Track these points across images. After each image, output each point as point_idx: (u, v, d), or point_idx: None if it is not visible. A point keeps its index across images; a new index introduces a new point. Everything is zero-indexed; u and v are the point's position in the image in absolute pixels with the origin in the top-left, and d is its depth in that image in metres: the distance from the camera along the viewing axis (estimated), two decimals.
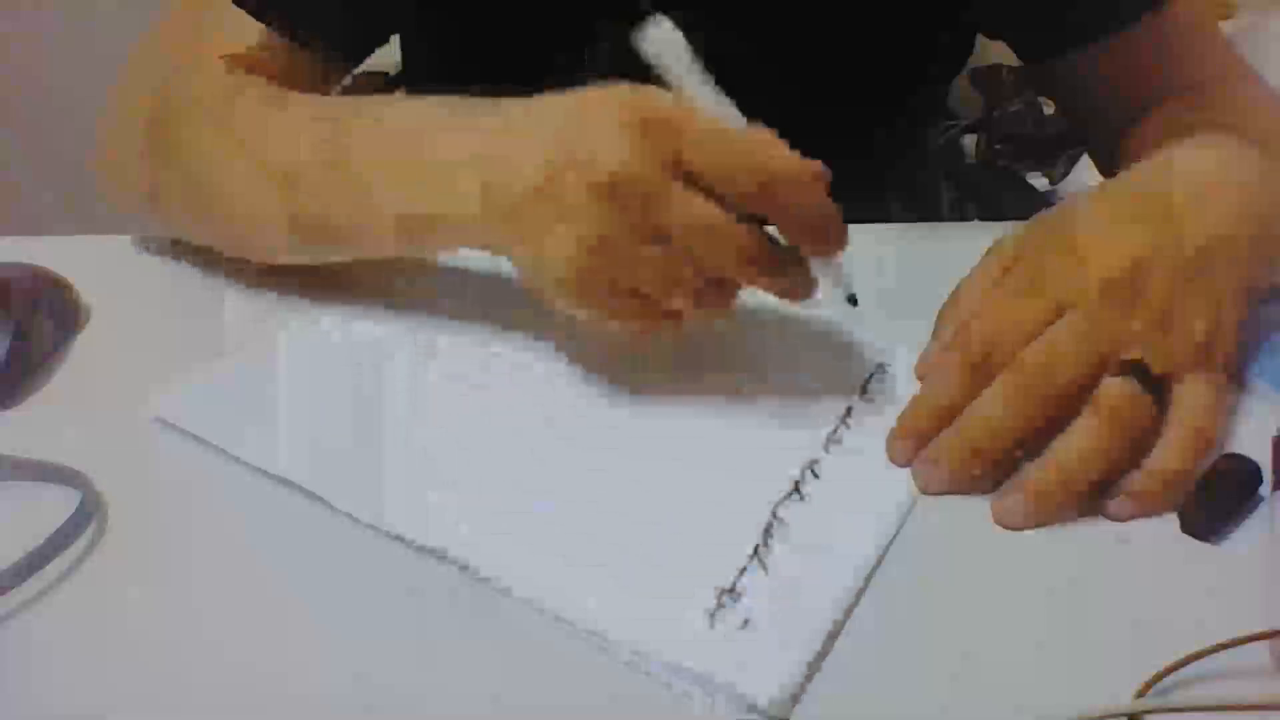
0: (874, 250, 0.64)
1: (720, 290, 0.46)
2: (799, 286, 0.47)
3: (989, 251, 0.53)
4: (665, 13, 0.46)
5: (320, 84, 0.65)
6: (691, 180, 0.43)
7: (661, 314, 0.47)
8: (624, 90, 0.45)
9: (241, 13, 0.62)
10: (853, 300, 0.49)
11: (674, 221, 0.43)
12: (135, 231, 0.64)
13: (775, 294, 0.47)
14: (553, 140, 0.45)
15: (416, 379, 0.53)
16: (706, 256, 0.44)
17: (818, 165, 0.44)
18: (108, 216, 0.64)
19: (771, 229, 0.46)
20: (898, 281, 0.56)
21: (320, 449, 0.48)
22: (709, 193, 0.44)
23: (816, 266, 0.47)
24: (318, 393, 0.52)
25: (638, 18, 0.46)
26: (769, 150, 0.44)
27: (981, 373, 0.47)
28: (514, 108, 0.48)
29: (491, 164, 0.47)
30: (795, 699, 0.38)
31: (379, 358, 0.54)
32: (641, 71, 0.46)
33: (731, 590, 0.41)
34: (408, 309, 0.57)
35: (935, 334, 0.53)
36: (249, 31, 0.62)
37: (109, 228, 0.64)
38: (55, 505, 0.44)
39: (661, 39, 0.44)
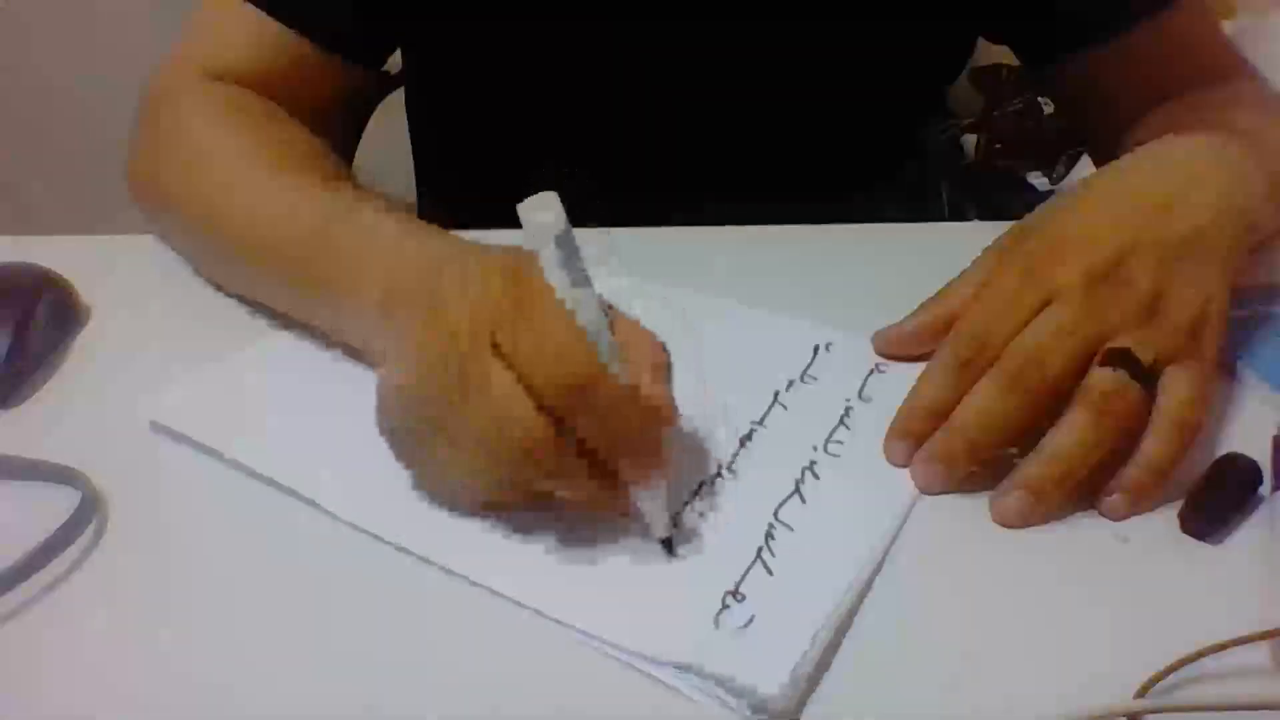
0: (874, 250, 0.64)
1: (515, 483, 0.42)
2: (602, 506, 0.43)
3: (977, 259, 0.53)
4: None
5: (329, 89, 0.66)
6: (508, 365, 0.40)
7: (467, 492, 0.44)
8: (499, 258, 0.44)
9: (250, 16, 0.62)
10: (667, 546, 0.43)
11: (472, 390, 0.40)
12: (135, 231, 0.64)
13: (580, 505, 0.43)
14: (416, 291, 0.45)
15: None
16: (493, 440, 0.40)
17: (666, 406, 0.42)
18: (108, 216, 0.64)
19: None
20: (897, 282, 0.56)
21: (314, 452, 0.48)
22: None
23: (635, 495, 0.43)
24: (312, 395, 0.52)
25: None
26: (581, 366, 0.40)
27: (972, 369, 0.47)
28: (435, 247, 0.48)
29: (372, 291, 0.47)
30: (800, 698, 0.38)
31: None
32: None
33: (735, 592, 0.41)
34: None
35: (907, 318, 0.54)
36: (255, 36, 0.63)
37: (109, 228, 0.64)
38: (55, 505, 0.44)
39: (534, 216, 0.41)
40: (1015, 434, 0.47)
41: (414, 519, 0.45)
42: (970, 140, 1.50)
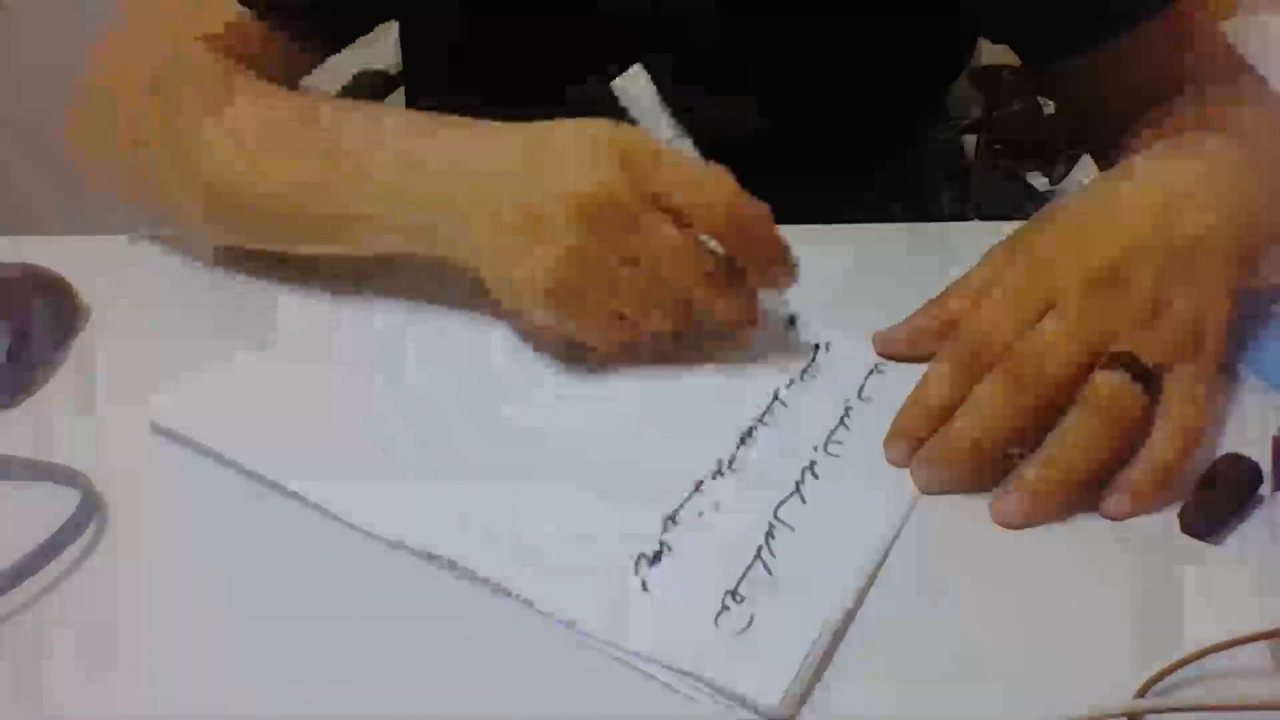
0: (874, 250, 0.64)
1: (684, 309, 0.51)
2: (747, 312, 0.52)
3: (979, 261, 0.53)
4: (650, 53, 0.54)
5: (293, 69, 0.66)
6: (662, 209, 0.48)
7: (635, 330, 0.51)
8: (605, 125, 0.50)
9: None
10: (791, 321, 0.55)
11: (645, 243, 0.48)
12: (135, 231, 0.64)
13: (727, 319, 0.52)
14: (540, 165, 0.49)
15: (411, 381, 0.53)
16: (674, 277, 0.49)
17: (765, 207, 0.50)
18: (108, 216, 0.64)
19: None
20: (897, 282, 0.56)
21: (313, 453, 0.48)
22: (677, 221, 0.49)
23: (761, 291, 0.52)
24: (312, 396, 0.52)
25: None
26: (732, 190, 0.49)
27: (974, 371, 0.48)
28: (504, 132, 0.52)
29: (480, 184, 0.51)
30: (800, 699, 0.38)
31: (372, 360, 0.54)
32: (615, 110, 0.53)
33: (735, 592, 0.41)
34: (401, 310, 0.57)
35: (908, 319, 0.54)
36: (223, 13, 0.62)
37: (109, 228, 0.64)
38: (55, 505, 0.44)
39: (632, 88, 0.51)
40: (1016, 436, 0.47)
41: (414, 518, 0.45)
42: (970, 140, 1.50)
